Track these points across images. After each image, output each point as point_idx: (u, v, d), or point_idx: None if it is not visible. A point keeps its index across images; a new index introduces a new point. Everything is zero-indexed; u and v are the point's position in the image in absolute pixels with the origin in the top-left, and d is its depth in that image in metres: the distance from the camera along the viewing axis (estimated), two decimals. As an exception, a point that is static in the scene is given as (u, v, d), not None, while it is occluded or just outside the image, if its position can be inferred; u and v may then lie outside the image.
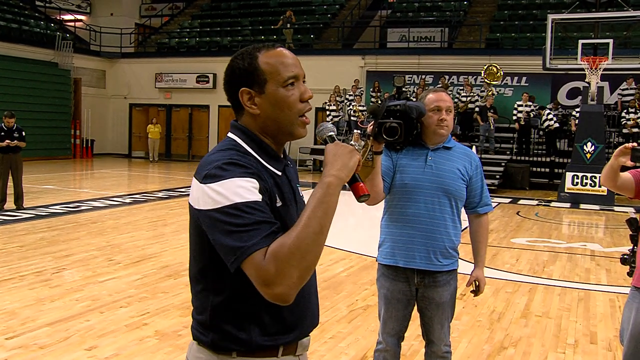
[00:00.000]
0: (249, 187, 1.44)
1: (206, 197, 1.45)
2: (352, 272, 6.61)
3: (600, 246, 8.74)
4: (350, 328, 4.78)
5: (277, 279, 1.36)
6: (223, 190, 1.43)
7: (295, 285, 1.38)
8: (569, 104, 17.64)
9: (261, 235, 1.39)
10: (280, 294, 1.37)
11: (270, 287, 1.37)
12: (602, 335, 4.85)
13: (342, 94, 19.51)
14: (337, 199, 1.46)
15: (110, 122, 25.20)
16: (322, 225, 1.40)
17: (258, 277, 1.38)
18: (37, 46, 22.07)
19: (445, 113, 2.88)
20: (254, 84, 1.56)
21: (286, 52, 1.61)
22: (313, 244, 1.38)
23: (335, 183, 1.46)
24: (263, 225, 1.41)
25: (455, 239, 2.93)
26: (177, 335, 4.50)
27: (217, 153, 1.53)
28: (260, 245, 1.38)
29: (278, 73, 1.56)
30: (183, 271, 6.34)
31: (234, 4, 26.94)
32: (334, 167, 1.49)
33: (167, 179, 17.02)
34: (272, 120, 1.58)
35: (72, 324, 4.65)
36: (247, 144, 1.57)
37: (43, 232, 8.40)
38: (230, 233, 1.40)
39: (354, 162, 1.51)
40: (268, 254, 1.37)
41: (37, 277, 6.02)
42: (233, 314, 1.54)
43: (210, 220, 1.44)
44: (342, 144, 1.55)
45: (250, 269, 1.39)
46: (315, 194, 1.44)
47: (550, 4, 20.73)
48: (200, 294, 1.58)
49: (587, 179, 13.85)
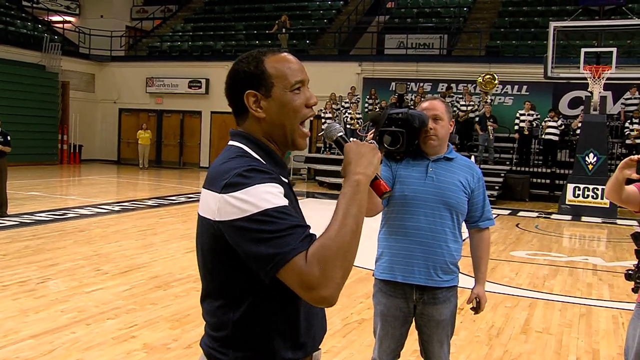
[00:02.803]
0: (275, 192, 1.42)
1: (229, 207, 1.41)
2: (347, 285, 6.26)
3: (603, 260, 8.63)
4: (344, 342, 4.71)
5: (322, 281, 1.35)
6: (249, 197, 1.40)
7: (339, 286, 1.37)
8: (571, 114, 17.45)
9: (298, 239, 1.38)
10: (326, 296, 1.36)
11: (316, 290, 1.35)
12: (604, 352, 4.77)
13: (338, 102, 19.21)
14: (366, 197, 1.47)
15: (99, 127, 24.88)
16: (358, 222, 1.41)
17: (301, 282, 1.36)
18: (24, 48, 21.69)
19: (432, 122, 2.79)
20: (261, 87, 1.56)
21: (292, 57, 1.61)
22: (352, 242, 1.39)
23: (364, 181, 1.48)
24: (297, 229, 1.39)
25: (455, 253, 2.86)
26: (166, 348, 4.42)
27: (230, 162, 1.50)
28: (299, 250, 1.36)
29: (285, 77, 1.56)
30: (173, 282, 6.34)
31: (227, 8, 26.74)
32: (360, 165, 1.50)
33: (158, 187, 16.88)
34: (276, 125, 1.58)
35: (57, 336, 4.56)
36: (254, 152, 1.56)
37: (28, 240, 8.27)
38: (264, 241, 1.37)
39: (377, 159, 1.54)
40: (309, 257, 1.35)
41: (21, 287, 5.91)
42: (255, 329, 1.51)
43: (237, 231, 1.41)
44: (363, 142, 1.57)
45: (291, 274, 1.36)
46: (346, 192, 1.44)
47: (552, 11, 20.60)
48: (219, 310, 1.54)
49: (588, 191, 13.73)
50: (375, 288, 2.95)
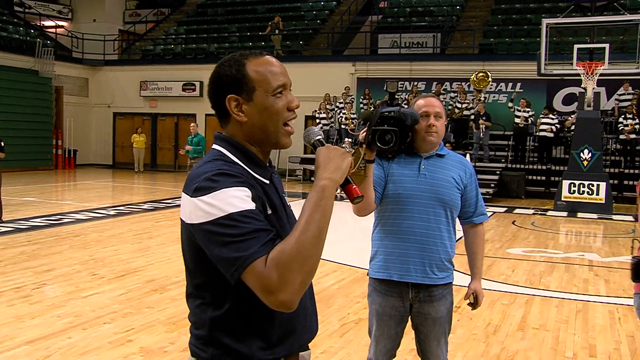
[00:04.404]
0: (241, 196, 1.44)
1: (198, 211, 1.44)
2: (344, 285, 6.49)
3: (599, 256, 8.62)
4: (342, 342, 4.68)
5: (280, 285, 1.35)
6: (215, 201, 1.42)
7: (298, 291, 1.37)
8: (565, 110, 17.46)
9: (260, 244, 1.39)
10: (285, 301, 1.37)
11: (274, 294, 1.36)
12: (601, 347, 4.75)
13: (332, 102, 19.19)
14: (332, 202, 1.46)
15: (94, 131, 24.79)
16: (321, 228, 1.40)
17: (260, 286, 1.37)
18: (17, 53, 21.59)
19: (433, 119, 2.79)
20: (242, 92, 1.56)
21: (274, 60, 1.61)
22: (313, 248, 1.38)
23: (330, 186, 1.46)
24: (260, 233, 1.40)
25: (450, 250, 2.85)
26: (163, 351, 4.38)
27: (204, 165, 1.53)
28: (260, 254, 1.38)
29: (267, 81, 1.56)
30: (169, 285, 6.30)
31: (220, 10, 26.68)
32: (327, 170, 1.49)
33: (153, 190, 16.77)
34: (258, 129, 1.58)
35: (53, 342, 4.51)
36: (233, 154, 1.57)
37: (23, 246, 8.20)
38: (228, 244, 1.40)
39: (346, 164, 1.51)
40: (269, 261, 1.37)
41: (16, 293, 5.84)
42: (232, 327, 1.52)
43: (205, 234, 1.44)
44: (334, 146, 1.54)
45: (251, 278, 1.38)
46: (311, 198, 1.44)
47: (544, 8, 20.62)
48: (198, 308, 1.57)
49: (584, 187, 13.72)
50: (370, 287, 2.92)
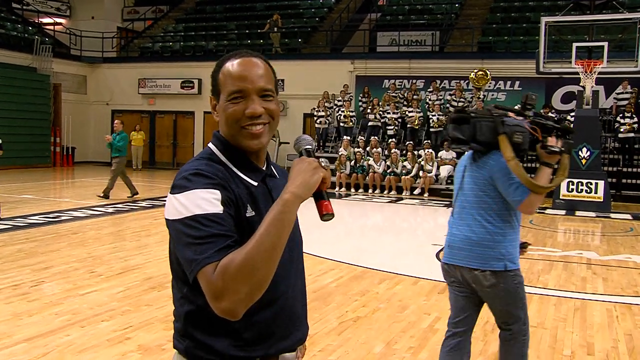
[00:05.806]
0: (210, 198, 1.46)
1: (171, 208, 1.49)
2: (342, 283, 6.50)
3: (597, 254, 8.61)
4: (340, 340, 4.68)
5: (224, 293, 1.37)
6: (185, 201, 1.46)
7: (242, 301, 1.38)
8: (564, 109, 17.45)
9: (214, 249, 1.40)
10: (227, 309, 1.38)
11: (218, 301, 1.38)
12: (599, 346, 4.75)
13: (330, 100, 19.15)
14: (293, 217, 1.44)
15: (92, 129, 24.71)
16: (274, 243, 1.39)
17: (208, 290, 1.39)
18: (15, 50, 21.56)
19: None
20: (215, 92, 1.63)
21: (244, 64, 1.59)
22: (263, 262, 1.38)
23: (292, 200, 1.44)
24: (219, 238, 1.42)
25: None
26: (161, 349, 4.39)
27: (190, 163, 1.57)
28: (212, 259, 1.39)
29: (225, 86, 1.59)
30: (167, 283, 6.22)
31: (219, 7, 26.63)
32: (294, 183, 1.46)
33: (151, 188, 16.73)
34: (224, 130, 1.62)
35: (51, 339, 4.51)
36: (222, 153, 1.60)
37: (21, 243, 8.18)
38: (188, 245, 1.43)
39: (315, 180, 1.48)
40: (218, 268, 1.38)
41: (14, 290, 5.83)
42: (205, 322, 1.54)
43: (174, 231, 1.49)
44: (309, 159, 1.51)
45: (202, 281, 1.40)
46: (272, 210, 1.43)
47: (543, 6, 20.60)
48: (178, 302, 1.61)
49: (582, 185, 13.70)
50: (519, 277, 3.37)
